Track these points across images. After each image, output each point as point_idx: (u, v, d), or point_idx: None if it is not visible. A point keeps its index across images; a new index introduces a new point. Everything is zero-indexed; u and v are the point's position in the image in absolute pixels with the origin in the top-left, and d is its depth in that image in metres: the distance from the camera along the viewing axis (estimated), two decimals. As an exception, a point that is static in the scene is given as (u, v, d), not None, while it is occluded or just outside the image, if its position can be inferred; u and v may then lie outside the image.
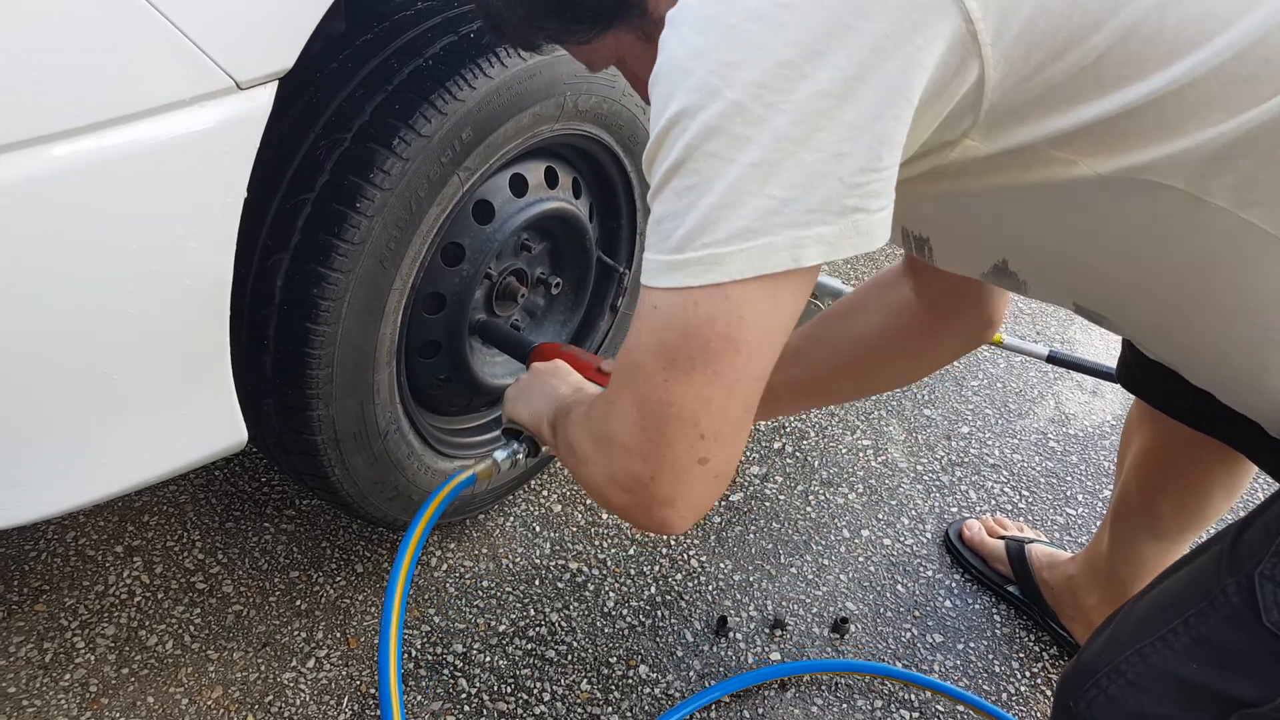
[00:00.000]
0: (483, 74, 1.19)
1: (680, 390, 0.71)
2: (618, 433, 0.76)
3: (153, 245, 0.94)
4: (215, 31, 0.90)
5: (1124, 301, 0.85)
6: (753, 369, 0.71)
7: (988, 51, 0.66)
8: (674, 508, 0.76)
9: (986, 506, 1.90)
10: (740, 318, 0.68)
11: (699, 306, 0.68)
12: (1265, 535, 0.80)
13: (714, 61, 0.65)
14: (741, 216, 0.66)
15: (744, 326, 0.69)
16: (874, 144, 0.66)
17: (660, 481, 0.75)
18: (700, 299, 0.68)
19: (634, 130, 1.51)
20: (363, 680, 1.43)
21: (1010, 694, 1.52)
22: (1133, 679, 0.88)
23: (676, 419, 0.72)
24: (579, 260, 1.60)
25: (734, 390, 0.71)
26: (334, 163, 1.14)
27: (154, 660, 1.43)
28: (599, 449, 0.81)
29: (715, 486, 0.76)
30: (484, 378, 1.52)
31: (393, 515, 1.46)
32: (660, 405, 0.72)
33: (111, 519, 1.64)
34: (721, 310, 0.68)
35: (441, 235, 1.29)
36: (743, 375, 0.71)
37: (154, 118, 0.89)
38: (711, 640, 1.55)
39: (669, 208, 0.69)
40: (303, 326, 1.15)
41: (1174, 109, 0.68)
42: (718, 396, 0.71)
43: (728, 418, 0.72)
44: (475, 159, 1.24)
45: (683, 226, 0.68)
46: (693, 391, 0.70)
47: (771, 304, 0.69)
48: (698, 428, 0.72)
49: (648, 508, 0.77)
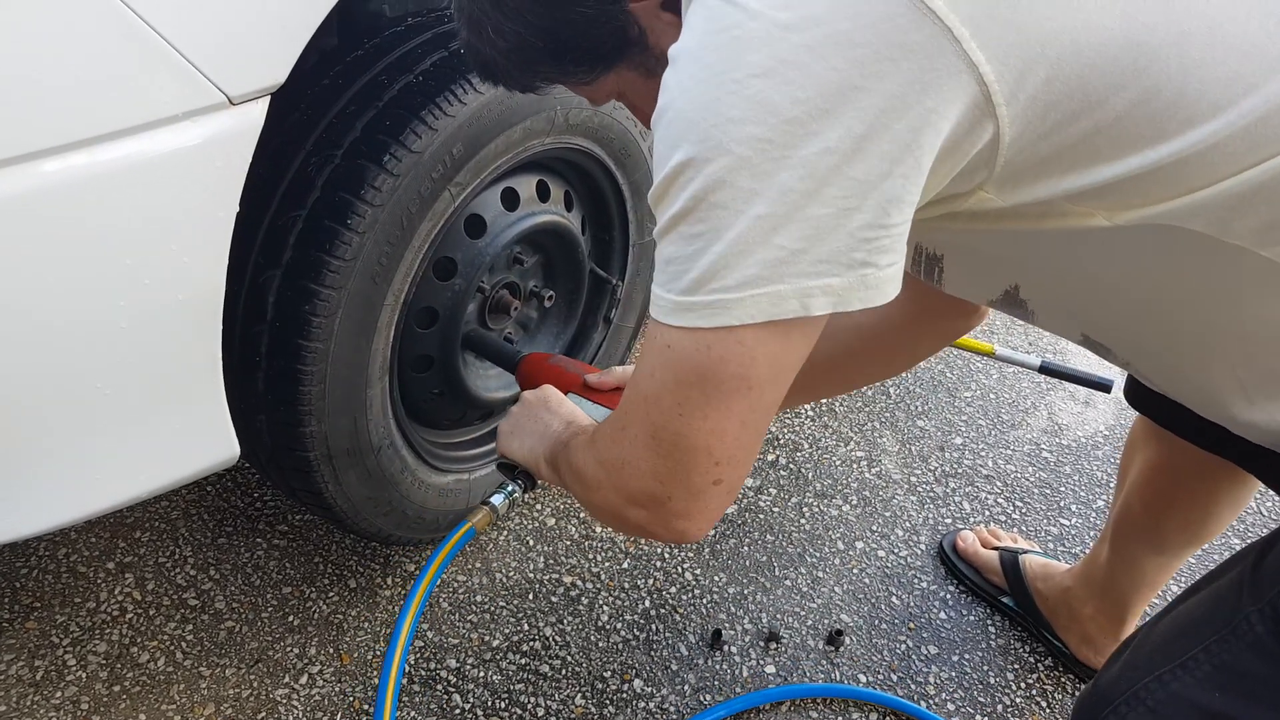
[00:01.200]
0: (473, 89, 1.19)
1: (695, 424, 0.74)
2: (631, 457, 0.80)
3: (145, 260, 0.94)
4: (207, 47, 0.90)
5: (1135, 335, 0.85)
6: (765, 402, 0.74)
7: (1002, 111, 0.66)
8: (691, 520, 0.80)
9: (980, 517, 1.90)
10: (753, 359, 0.71)
11: (712, 349, 0.71)
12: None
13: (719, 116, 0.65)
14: (750, 265, 0.67)
15: (756, 366, 0.71)
16: (882, 201, 0.66)
17: (676, 500, 0.79)
18: (713, 341, 0.70)
19: (625, 143, 1.51)
20: (356, 696, 1.42)
21: (1005, 705, 1.52)
22: (1152, 706, 0.86)
23: (691, 449, 0.75)
24: (572, 273, 1.60)
25: (747, 422, 0.74)
26: (325, 179, 1.14)
27: (146, 677, 1.42)
28: (611, 472, 0.83)
29: (728, 499, 0.80)
30: (477, 391, 1.52)
31: (387, 530, 1.45)
32: (675, 435, 0.75)
33: (103, 535, 1.63)
34: (734, 352, 0.70)
35: (433, 250, 1.29)
36: (756, 408, 0.73)
37: (146, 133, 0.89)
38: (706, 654, 1.55)
39: (677, 250, 0.70)
40: (295, 343, 1.15)
41: (1196, 168, 0.67)
42: (731, 428, 0.74)
43: (741, 445, 0.75)
44: (466, 174, 1.24)
45: (693, 270, 0.69)
46: (708, 425, 0.73)
47: (783, 346, 0.71)
48: (712, 456, 0.75)
49: (666, 522, 0.81)
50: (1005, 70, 0.64)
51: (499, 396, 1.56)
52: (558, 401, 1.13)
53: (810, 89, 0.63)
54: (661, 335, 0.74)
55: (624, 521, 0.85)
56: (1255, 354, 0.77)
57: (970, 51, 0.63)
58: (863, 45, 0.63)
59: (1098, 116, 0.67)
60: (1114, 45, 0.65)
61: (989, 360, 2.35)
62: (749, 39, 0.65)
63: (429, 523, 1.51)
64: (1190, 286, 0.75)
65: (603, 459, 0.85)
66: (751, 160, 0.65)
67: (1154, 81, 0.65)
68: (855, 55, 0.63)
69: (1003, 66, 0.64)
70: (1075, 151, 0.69)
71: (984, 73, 0.64)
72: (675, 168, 0.68)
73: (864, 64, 0.63)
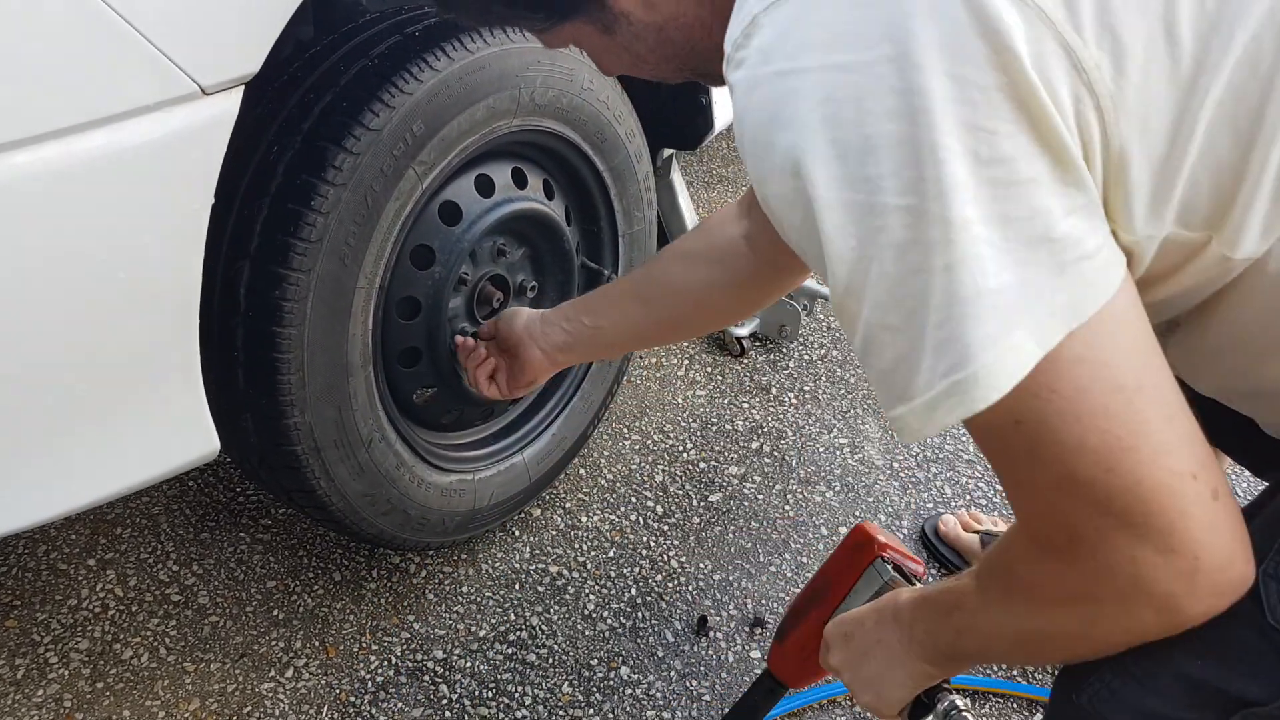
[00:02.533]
0: (429, 68, 1.19)
1: (1131, 461, 0.58)
2: (1111, 559, 0.61)
3: (120, 254, 0.93)
4: (179, 36, 0.89)
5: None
6: (1160, 387, 0.60)
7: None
8: (1234, 561, 0.64)
9: (962, 501, 1.91)
10: (1104, 363, 0.58)
11: (1055, 388, 0.57)
12: (1269, 532, 0.79)
13: (861, 180, 0.57)
14: (990, 320, 0.56)
15: (1115, 369, 0.58)
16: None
17: (1203, 551, 0.61)
18: (1047, 382, 0.57)
19: (599, 126, 1.51)
20: (342, 689, 1.42)
21: (989, 687, 1.53)
22: (1136, 674, 0.86)
23: (1157, 487, 0.58)
24: (560, 265, 1.59)
25: (1169, 416, 0.60)
26: (286, 164, 1.14)
27: (129, 674, 1.41)
28: (1097, 599, 0.65)
29: (1234, 502, 0.64)
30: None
31: (390, 532, 1.44)
32: (1128, 490, 0.58)
33: (83, 532, 1.62)
34: (1081, 374, 0.58)
35: (406, 234, 1.29)
36: (1158, 399, 0.60)
37: (118, 124, 0.88)
38: (692, 640, 1.55)
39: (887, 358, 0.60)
40: (269, 331, 1.15)
41: None
42: (1165, 435, 0.59)
43: (1186, 440, 0.60)
44: (430, 153, 1.24)
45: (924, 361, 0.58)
46: (1143, 453, 0.58)
47: (1106, 333, 0.58)
48: (1182, 474, 0.59)
49: (1213, 583, 0.63)
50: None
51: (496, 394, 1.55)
52: (854, 622, 0.91)
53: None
54: (996, 424, 0.60)
55: (1153, 626, 0.67)
56: None
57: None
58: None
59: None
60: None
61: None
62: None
63: (433, 524, 1.49)
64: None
65: (1069, 593, 0.66)
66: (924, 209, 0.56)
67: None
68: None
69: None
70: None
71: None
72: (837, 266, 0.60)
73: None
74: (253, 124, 1.17)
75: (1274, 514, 0.81)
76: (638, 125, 1.62)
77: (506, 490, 1.59)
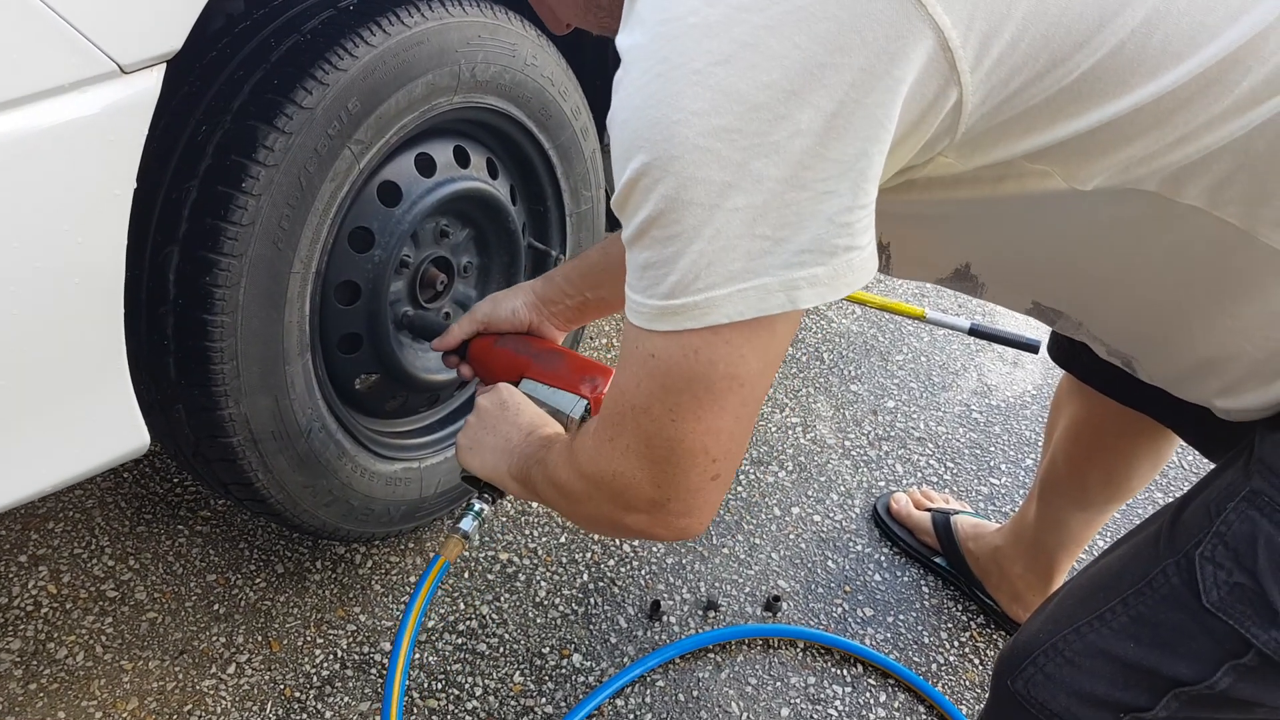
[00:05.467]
0: (364, 43, 1.15)
1: (689, 426, 0.73)
2: (624, 467, 0.79)
3: (36, 241, 0.88)
4: (95, 12, 0.84)
5: (1091, 297, 0.85)
6: (757, 394, 0.73)
7: (967, 79, 0.64)
8: (692, 516, 0.80)
9: (913, 479, 1.92)
10: (742, 356, 0.69)
11: (700, 354, 0.69)
12: (1205, 515, 0.81)
13: (681, 111, 0.62)
14: (734, 259, 0.65)
15: (746, 363, 0.70)
16: (858, 180, 0.64)
17: (675, 500, 0.78)
18: (700, 345, 0.69)
19: (543, 103, 1.47)
20: (286, 684, 1.39)
21: (940, 664, 1.54)
22: (1070, 657, 0.88)
23: (688, 452, 0.74)
24: (505, 246, 1.56)
25: (740, 416, 0.73)
26: (215, 144, 1.09)
27: (64, 674, 1.36)
28: (599, 486, 0.83)
29: (725, 489, 0.79)
30: (416, 372, 1.47)
31: (333, 523, 1.40)
32: (670, 442, 0.74)
33: (14, 527, 1.56)
34: (723, 354, 0.69)
35: (343, 217, 1.25)
36: (748, 401, 0.72)
37: (29, 105, 0.83)
38: (645, 625, 1.54)
39: (652, 255, 0.68)
40: (200, 319, 1.10)
41: (1152, 119, 0.67)
42: (726, 425, 0.73)
43: (735, 439, 0.75)
44: (367, 131, 1.19)
45: (674, 273, 0.67)
46: (701, 426, 0.73)
47: (770, 338, 0.69)
48: (709, 454, 0.75)
49: (666, 523, 0.81)
50: (970, 34, 0.62)
51: (441, 378, 1.51)
52: (515, 406, 1.10)
53: (775, 71, 0.61)
54: (643, 343, 0.72)
55: (620, 528, 0.85)
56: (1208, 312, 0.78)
57: (935, 15, 0.61)
58: (825, 19, 0.60)
59: (1061, 74, 0.66)
60: (1079, 1, 0.64)
61: (920, 324, 2.36)
62: (706, 25, 0.62)
63: (378, 514, 1.45)
64: (1147, 249, 0.75)
65: (589, 472, 0.84)
66: (721, 152, 0.62)
67: (1118, 35, 0.65)
68: (818, 30, 0.60)
69: (968, 30, 0.62)
70: (1037, 111, 0.68)
71: (949, 37, 0.62)
72: (638, 170, 0.65)
73: (828, 38, 0.60)
74: (180, 103, 1.12)
75: (1210, 497, 0.82)
76: (584, 101, 1.58)
77: (454, 478, 1.56)
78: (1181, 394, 0.89)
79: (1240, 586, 0.77)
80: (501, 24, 1.35)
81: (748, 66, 0.61)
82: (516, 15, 1.39)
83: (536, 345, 1.24)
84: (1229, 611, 0.77)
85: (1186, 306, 0.78)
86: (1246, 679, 0.78)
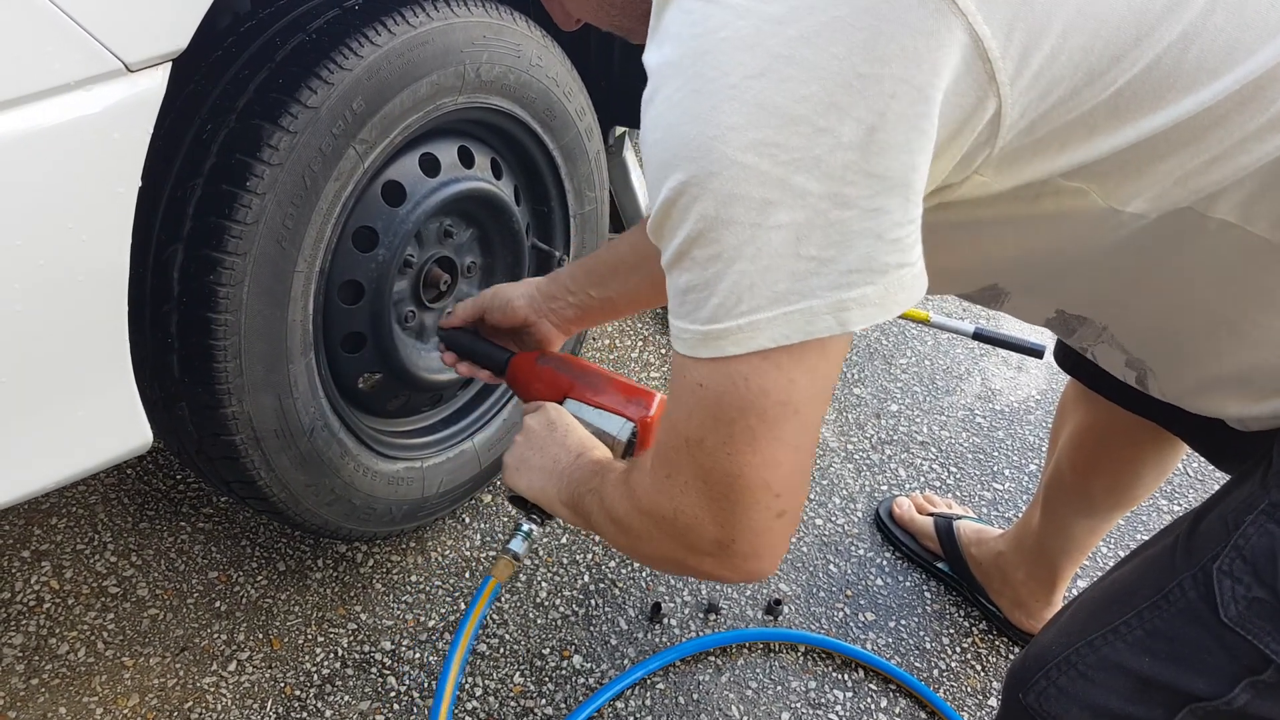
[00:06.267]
0: (369, 43, 1.15)
1: (746, 459, 0.70)
2: (685, 505, 0.75)
3: (40, 239, 0.88)
4: (101, 11, 0.85)
5: (1119, 303, 0.84)
6: (813, 420, 0.70)
7: (1006, 91, 0.63)
8: (761, 558, 0.76)
9: (916, 484, 1.92)
10: (792, 381, 0.66)
11: (750, 381, 0.66)
12: (1223, 528, 0.79)
13: (717, 126, 0.60)
14: (778, 280, 0.62)
15: (798, 388, 0.67)
16: (906, 193, 0.62)
17: (742, 541, 0.74)
18: (749, 373, 0.66)
19: (548, 103, 1.47)
20: (287, 682, 1.39)
21: (941, 670, 1.54)
22: (1083, 670, 0.87)
23: (748, 487, 0.71)
24: (510, 246, 1.56)
25: (799, 445, 0.70)
26: (220, 143, 1.09)
27: (65, 669, 1.37)
28: (660, 525, 0.79)
29: (792, 526, 0.76)
30: (418, 372, 1.47)
31: (335, 522, 1.39)
32: (728, 476, 0.71)
33: (17, 523, 1.57)
34: (773, 380, 0.66)
35: (347, 216, 1.25)
36: (804, 428, 0.69)
37: (36, 103, 0.83)
38: (646, 627, 1.54)
39: (693, 278, 0.66)
40: (204, 317, 1.10)
41: (1186, 134, 0.66)
42: (785, 456, 0.70)
43: (797, 470, 0.71)
44: (371, 131, 1.20)
45: (715, 295, 0.64)
46: (759, 458, 0.69)
47: (821, 360, 0.66)
48: (770, 489, 0.71)
49: (735, 565, 0.77)
50: (1010, 45, 0.61)
51: (443, 378, 1.51)
52: (564, 428, 1.07)
53: (813, 84, 0.59)
54: (691, 372, 0.69)
55: (688, 569, 0.81)
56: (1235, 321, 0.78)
57: (975, 24, 0.60)
58: (861, 29, 0.58)
59: (1099, 87, 0.65)
60: (1117, 14, 0.63)
61: (924, 327, 2.36)
62: (739, 39, 0.60)
63: (380, 514, 1.45)
64: (1179, 261, 0.75)
65: (649, 509, 0.80)
66: (760, 167, 0.60)
67: (1154, 49, 0.64)
68: (855, 40, 0.58)
69: (1007, 41, 0.61)
70: (1074, 125, 0.67)
71: (989, 47, 0.60)
72: (675, 189, 0.63)
73: (865, 48, 0.58)
74: (185, 101, 1.12)
75: (1228, 510, 0.81)
76: (588, 102, 1.58)
77: (456, 477, 1.56)
78: (1196, 408, 0.88)
79: (1259, 601, 0.75)
80: (506, 24, 1.35)
81: (784, 79, 0.59)
82: (521, 16, 1.39)
83: (579, 366, 1.20)
84: (1247, 627, 0.76)
85: (1216, 311, 0.78)
86: (1265, 696, 0.76)
